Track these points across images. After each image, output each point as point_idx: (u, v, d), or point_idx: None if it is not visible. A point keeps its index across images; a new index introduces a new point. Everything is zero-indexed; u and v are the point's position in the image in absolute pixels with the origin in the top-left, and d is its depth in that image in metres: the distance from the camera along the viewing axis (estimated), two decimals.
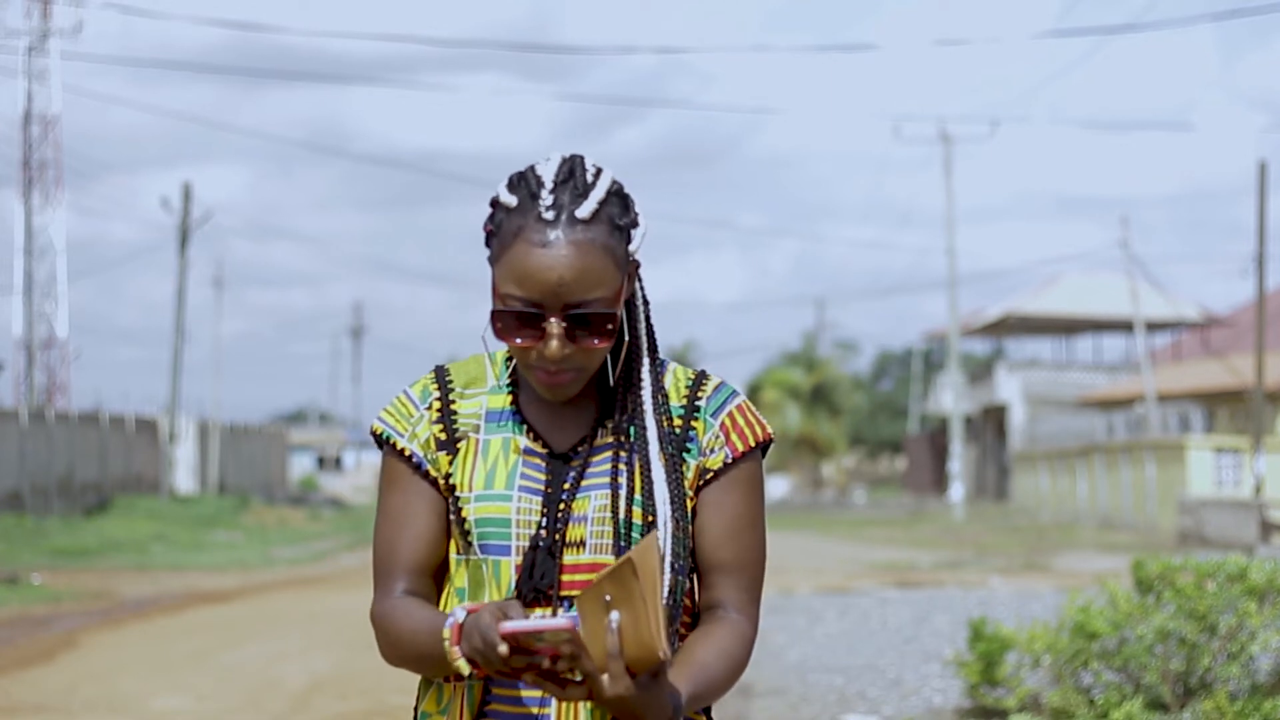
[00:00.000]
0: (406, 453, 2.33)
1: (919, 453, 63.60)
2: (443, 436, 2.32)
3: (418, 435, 2.33)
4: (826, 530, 36.20)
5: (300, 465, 68.36)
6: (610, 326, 2.20)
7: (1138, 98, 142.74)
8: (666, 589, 2.23)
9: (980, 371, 57.11)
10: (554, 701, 2.21)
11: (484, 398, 2.34)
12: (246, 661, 12.45)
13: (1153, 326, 50.89)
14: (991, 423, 56.03)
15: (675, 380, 2.33)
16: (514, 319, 2.20)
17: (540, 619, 2.03)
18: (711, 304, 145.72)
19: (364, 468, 67.82)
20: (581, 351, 2.21)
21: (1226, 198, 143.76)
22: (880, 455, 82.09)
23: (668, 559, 2.23)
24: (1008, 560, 24.62)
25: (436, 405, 2.34)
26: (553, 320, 2.19)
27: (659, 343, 2.36)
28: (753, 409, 2.33)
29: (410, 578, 2.30)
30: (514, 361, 2.35)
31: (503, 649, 2.01)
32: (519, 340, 2.21)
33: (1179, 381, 44.98)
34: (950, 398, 49.72)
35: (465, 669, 2.11)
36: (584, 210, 2.20)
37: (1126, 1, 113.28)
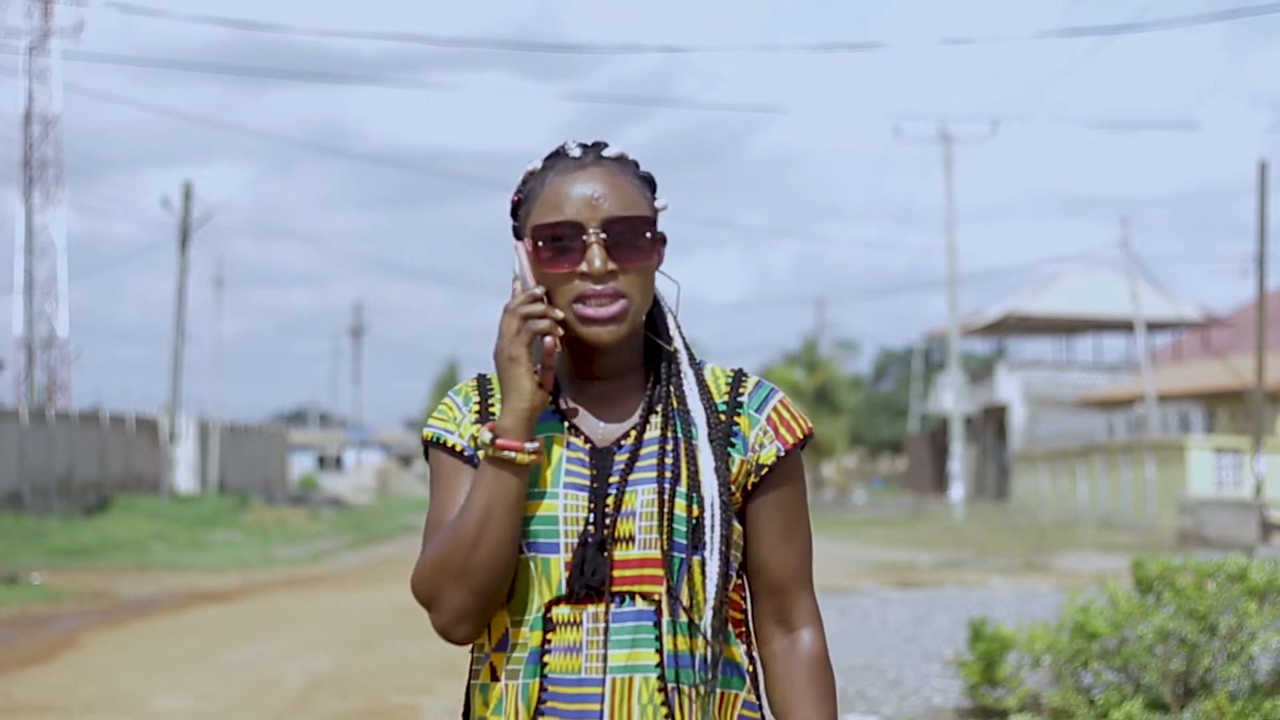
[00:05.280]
0: (457, 448, 2.32)
1: (919, 453, 63.60)
2: None
3: (464, 433, 2.34)
4: (826, 530, 36.21)
5: (300, 465, 68.37)
6: (650, 235, 2.24)
7: (1140, 97, 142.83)
8: (715, 581, 2.22)
9: (980, 371, 57.10)
10: (607, 698, 2.21)
11: None
12: (246, 661, 12.44)
13: (1153, 326, 50.89)
14: (992, 423, 56.02)
15: (714, 377, 2.35)
16: (555, 241, 2.23)
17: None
18: (713, 303, 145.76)
19: (364, 467, 67.80)
20: (625, 274, 2.23)
21: (1229, 197, 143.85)
22: (880, 455, 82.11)
23: (716, 549, 2.22)
24: (1008, 560, 24.61)
25: (476, 409, 2.35)
26: (592, 231, 2.23)
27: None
28: (793, 404, 2.35)
29: None
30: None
31: (538, 290, 2.22)
32: (563, 265, 2.23)
33: (1179, 381, 44.98)
34: (950, 398, 49.71)
35: (488, 435, 2.21)
36: (610, 152, 2.30)
37: (1129, 0, 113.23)
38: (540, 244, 2.24)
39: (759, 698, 2.35)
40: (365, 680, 11.01)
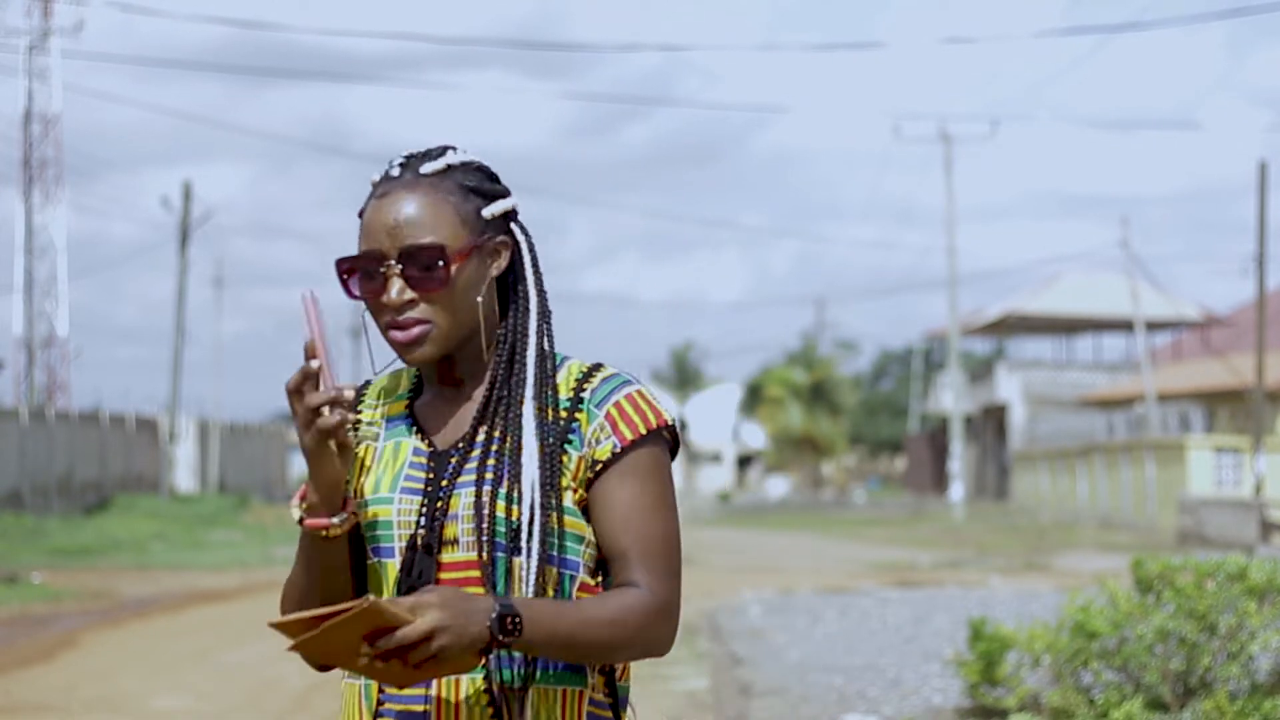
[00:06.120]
0: None
1: (919, 452, 63.60)
2: None
3: None
4: (827, 530, 36.21)
5: (300, 464, 68.38)
6: (442, 265, 2.22)
7: (1140, 97, 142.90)
8: (531, 582, 2.22)
9: (980, 371, 57.11)
10: (434, 699, 2.23)
11: (386, 406, 2.39)
12: (246, 661, 12.44)
13: (1153, 326, 50.89)
14: (991, 422, 56.02)
15: (569, 374, 2.32)
16: (359, 269, 2.26)
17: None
18: (713, 303, 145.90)
19: None
20: (426, 300, 2.23)
21: (1229, 196, 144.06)
22: (880, 455, 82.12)
23: (535, 553, 2.22)
24: (1008, 560, 24.62)
25: None
26: (390, 263, 2.23)
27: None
28: (646, 397, 2.30)
29: None
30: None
31: (313, 365, 2.16)
32: (363, 293, 2.26)
33: (1179, 381, 44.97)
34: (950, 397, 49.72)
35: (297, 513, 2.24)
36: (428, 168, 2.28)
37: (1129, 0, 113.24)
38: (345, 276, 2.26)
39: (614, 696, 2.33)
40: None
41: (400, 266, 2.23)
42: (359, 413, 2.38)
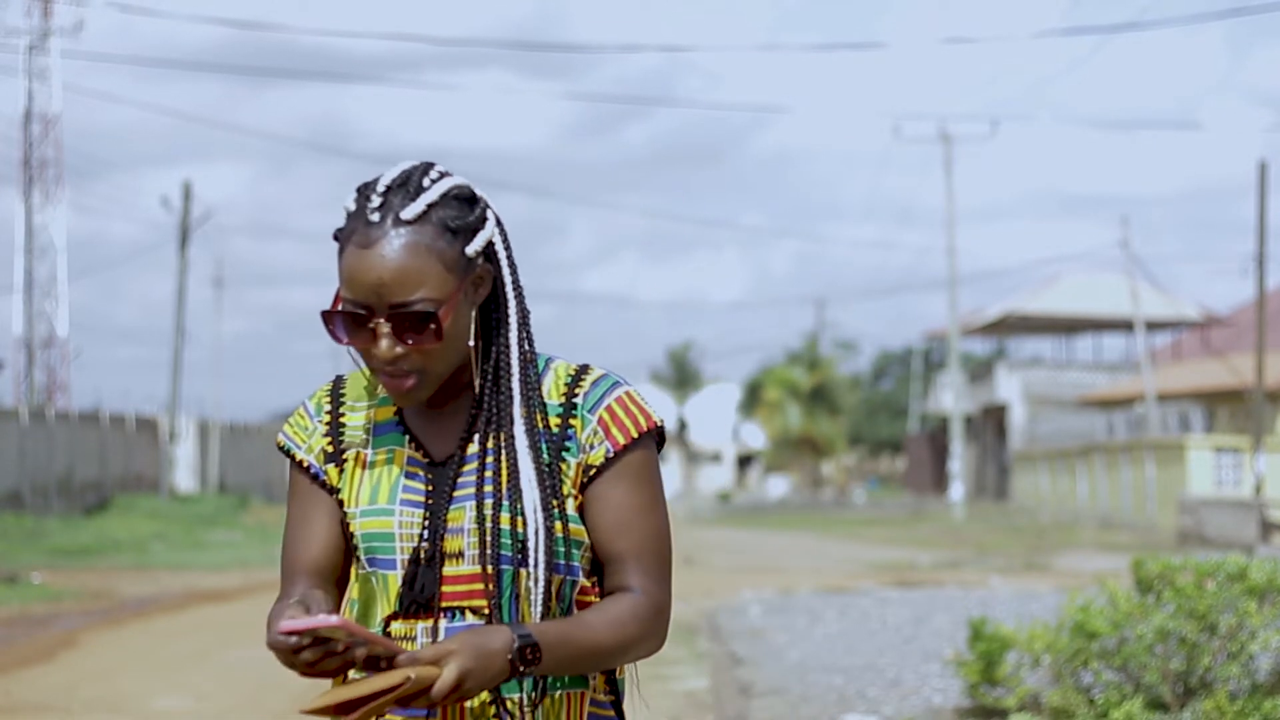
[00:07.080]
0: (305, 464, 2.37)
1: (919, 452, 63.60)
2: (330, 450, 2.36)
3: (312, 447, 2.37)
4: (827, 530, 36.21)
5: None
6: (434, 326, 2.19)
7: (1140, 97, 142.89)
8: (539, 594, 2.23)
9: (980, 371, 57.11)
10: (438, 711, 2.23)
11: (373, 410, 2.36)
12: (246, 661, 12.43)
13: (1153, 326, 50.90)
14: (991, 422, 56.03)
15: (556, 378, 2.32)
16: (345, 320, 2.23)
17: (316, 618, 2.04)
18: (713, 303, 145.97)
19: None
20: (416, 352, 2.21)
21: (1229, 197, 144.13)
22: (880, 455, 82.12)
23: (542, 564, 2.23)
24: (1008, 560, 24.62)
25: (327, 418, 2.38)
26: (379, 320, 2.20)
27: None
28: (635, 399, 2.31)
29: (309, 582, 2.32)
30: None
31: (286, 641, 2.06)
32: (352, 342, 2.23)
33: (1179, 381, 44.97)
34: (950, 397, 49.72)
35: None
36: (409, 211, 2.20)
37: (1129, 0, 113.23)
38: (333, 325, 2.24)
39: (618, 695, 2.35)
40: None
41: (389, 325, 2.20)
42: (341, 419, 2.36)
